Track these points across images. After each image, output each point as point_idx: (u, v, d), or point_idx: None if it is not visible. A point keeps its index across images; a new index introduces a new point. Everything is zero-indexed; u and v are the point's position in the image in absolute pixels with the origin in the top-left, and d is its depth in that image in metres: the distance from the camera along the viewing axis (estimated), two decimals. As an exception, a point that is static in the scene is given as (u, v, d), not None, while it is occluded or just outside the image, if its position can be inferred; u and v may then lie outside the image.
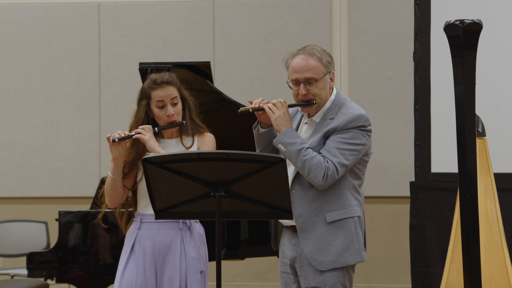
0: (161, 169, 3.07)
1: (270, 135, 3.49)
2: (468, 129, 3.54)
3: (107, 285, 4.96)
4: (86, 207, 5.80)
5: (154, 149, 3.59)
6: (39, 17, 7.35)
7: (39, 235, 6.58)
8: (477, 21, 3.53)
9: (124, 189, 3.70)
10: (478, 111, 3.77)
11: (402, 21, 6.95)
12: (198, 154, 3.08)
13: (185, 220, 3.65)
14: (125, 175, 3.68)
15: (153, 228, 3.67)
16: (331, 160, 3.33)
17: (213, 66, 6.04)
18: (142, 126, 3.65)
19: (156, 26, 7.31)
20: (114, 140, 3.57)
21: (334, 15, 7.17)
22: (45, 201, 7.30)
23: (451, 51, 3.57)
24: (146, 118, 3.70)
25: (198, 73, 4.91)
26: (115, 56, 7.32)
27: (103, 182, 5.49)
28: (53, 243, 5.29)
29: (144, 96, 3.71)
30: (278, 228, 3.61)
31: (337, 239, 3.39)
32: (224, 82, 7.02)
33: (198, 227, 3.75)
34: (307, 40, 3.91)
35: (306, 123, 3.52)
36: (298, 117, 3.57)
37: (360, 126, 3.39)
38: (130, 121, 3.76)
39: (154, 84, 3.68)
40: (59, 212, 5.01)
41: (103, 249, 4.95)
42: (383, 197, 7.04)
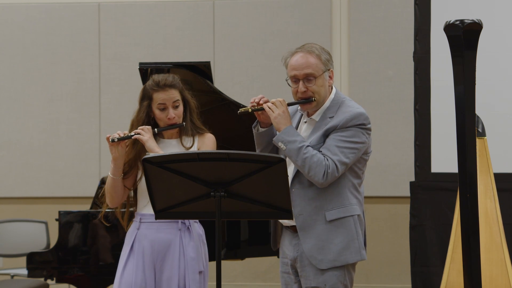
0: (161, 169, 3.07)
1: (269, 134, 3.49)
2: (468, 129, 3.54)
3: (107, 285, 4.96)
4: (86, 207, 5.80)
5: (153, 149, 3.60)
6: (39, 17, 7.35)
7: (39, 235, 6.58)
8: (477, 21, 3.53)
9: (125, 189, 3.71)
10: (478, 111, 3.78)
11: (402, 21, 6.95)
12: (198, 154, 3.08)
13: (184, 220, 3.65)
14: (125, 175, 3.68)
15: (152, 228, 3.67)
16: (331, 158, 3.33)
17: (213, 66, 6.04)
18: (142, 126, 3.66)
19: (156, 26, 7.31)
20: (113, 140, 3.58)
21: (334, 15, 7.17)
22: (45, 201, 7.30)
23: (451, 51, 3.57)
24: (147, 118, 3.72)
25: (198, 73, 4.91)
26: (115, 56, 7.32)
27: (103, 182, 5.50)
28: (53, 243, 5.29)
29: (146, 97, 3.72)
30: (278, 229, 3.61)
31: (337, 237, 3.39)
32: (224, 82, 7.02)
33: (198, 227, 3.75)
34: (307, 40, 3.91)
35: (306, 122, 3.52)
36: (297, 116, 3.57)
37: (360, 124, 3.40)
38: (131, 120, 3.77)
39: (157, 87, 3.68)
40: (59, 212, 5.01)
41: (103, 249, 4.96)
42: (383, 197, 7.04)
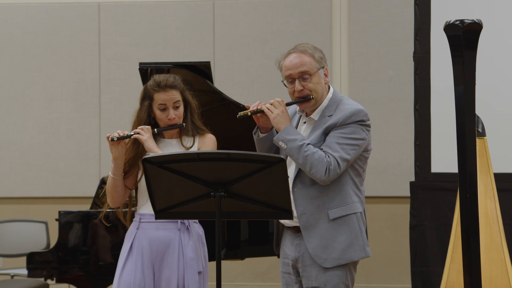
0: (161, 169, 3.07)
1: (270, 139, 3.50)
2: (468, 129, 3.54)
3: (107, 285, 4.96)
4: (86, 207, 5.80)
5: (151, 149, 3.61)
6: (39, 17, 7.35)
7: (39, 235, 6.58)
8: (477, 21, 3.53)
9: (126, 189, 3.71)
10: (478, 111, 3.77)
11: (402, 21, 6.95)
12: (198, 154, 3.08)
13: (184, 220, 3.66)
14: (125, 174, 3.69)
15: (151, 228, 3.68)
16: (332, 155, 3.34)
17: (213, 66, 6.04)
18: (141, 126, 3.67)
19: (156, 26, 7.31)
20: (112, 139, 3.59)
21: (334, 15, 7.17)
22: (45, 201, 7.30)
23: (451, 51, 3.57)
24: (148, 118, 3.73)
25: (198, 73, 4.91)
26: (115, 56, 7.32)
27: (103, 182, 5.50)
28: (53, 243, 5.29)
29: (147, 97, 3.73)
30: (280, 231, 3.61)
31: (341, 235, 3.39)
32: (224, 82, 7.03)
33: (197, 227, 3.75)
34: (307, 40, 3.91)
35: (305, 122, 3.53)
36: (296, 118, 3.57)
37: (359, 121, 3.40)
38: (132, 120, 3.78)
39: (158, 87, 3.69)
40: (59, 212, 5.01)
41: (103, 249, 4.96)
42: (383, 197, 7.04)
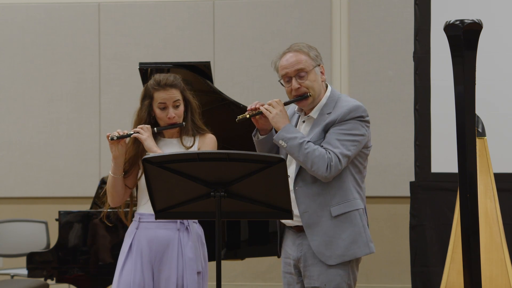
0: (161, 169, 3.07)
1: (270, 140, 3.50)
2: (468, 129, 3.54)
3: (107, 285, 4.96)
4: (86, 207, 5.80)
5: (151, 148, 3.61)
6: (39, 17, 7.35)
7: (39, 235, 6.58)
8: (477, 21, 3.53)
9: (126, 189, 3.72)
10: (478, 111, 3.77)
11: (402, 21, 6.95)
12: (198, 154, 3.08)
13: (183, 220, 3.66)
14: (126, 173, 3.69)
15: (150, 227, 3.68)
16: (333, 151, 3.34)
17: (213, 66, 6.04)
18: (141, 125, 3.68)
19: (156, 26, 7.31)
20: (112, 138, 3.59)
21: (334, 15, 7.17)
22: (45, 201, 7.30)
23: (451, 51, 3.57)
24: (148, 117, 3.73)
25: (198, 73, 4.91)
26: (115, 56, 7.32)
27: (103, 182, 5.50)
28: (53, 243, 5.29)
29: (147, 96, 3.73)
30: (281, 231, 3.60)
31: (344, 232, 3.39)
32: (224, 82, 7.03)
33: (197, 227, 3.75)
34: (307, 40, 3.91)
35: (304, 121, 3.53)
36: (295, 118, 3.58)
37: (358, 117, 3.40)
38: (132, 119, 3.78)
39: (158, 86, 3.70)
40: (59, 212, 5.01)
41: (103, 249, 4.96)
42: (383, 197, 7.04)
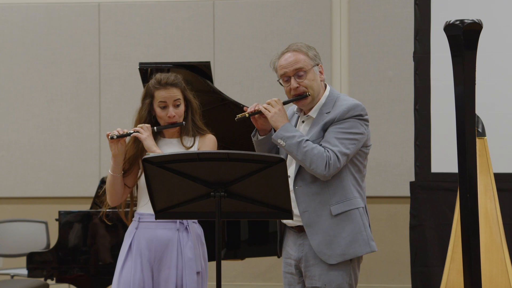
0: (161, 169, 3.07)
1: (269, 141, 3.51)
2: (468, 129, 3.54)
3: (107, 285, 4.96)
4: (86, 207, 5.81)
5: (150, 147, 3.62)
6: (39, 17, 7.35)
7: (39, 235, 6.58)
8: (477, 21, 3.53)
9: (125, 188, 3.72)
10: (478, 111, 3.78)
11: (402, 21, 6.95)
12: (198, 154, 3.08)
13: (182, 220, 3.66)
14: (125, 172, 3.70)
15: (150, 227, 3.68)
16: (331, 149, 3.34)
17: (213, 66, 6.04)
18: (141, 124, 3.68)
19: (156, 26, 7.31)
20: (112, 137, 3.59)
21: (334, 15, 7.17)
22: (45, 201, 7.30)
23: (451, 51, 3.57)
24: (148, 116, 3.74)
25: (198, 73, 4.91)
26: (115, 56, 7.32)
27: (103, 182, 5.50)
28: (53, 243, 5.29)
29: (148, 95, 3.74)
30: (282, 232, 3.60)
31: (344, 231, 3.39)
32: (224, 82, 7.03)
33: (196, 227, 3.75)
34: (307, 40, 3.91)
35: (303, 121, 3.53)
36: (294, 118, 3.58)
37: (357, 115, 3.41)
38: (133, 118, 3.79)
39: (158, 85, 3.71)
40: (59, 212, 5.01)
41: (103, 249, 4.95)
42: (383, 197, 7.04)
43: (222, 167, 3.05)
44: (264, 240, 5.04)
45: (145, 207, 3.67)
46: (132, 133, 3.65)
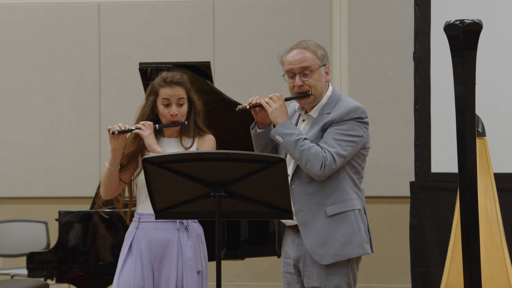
0: (161, 169, 3.07)
1: (267, 135, 3.50)
2: (468, 129, 3.54)
3: (107, 285, 4.96)
4: (86, 207, 5.80)
5: (151, 146, 3.61)
6: (39, 17, 7.35)
7: (39, 235, 6.58)
8: (477, 21, 3.52)
9: (120, 182, 3.72)
10: (478, 111, 3.77)
11: (402, 21, 6.95)
12: (198, 154, 3.08)
13: (182, 220, 3.66)
14: (123, 167, 3.69)
15: (150, 227, 3.68)
16: (328, 150, 3.34)
17: (213, 66, 6.04)
18: (143, 122, 3.67)
19: (156, 26, 7.31)
20: (113, 132, 3.59)
21: (334, 15, 7.17)
22: (45, 201, 7.30)
23: (451, 51, 3.57)
24: (151, 114, 3.74)
25: (198, 73, 4.91)
26: (115, 56, 7.32)
27: (103, 182, 5.49)
28: (53, 243, 5.29)
29: (153, 92, 3.74)
30: (281, 231, 3.61)
31: (339, 232, 3.39)
32: (224, 82, 7.03)
33: (196, 226, 3.75)
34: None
35: (304, 120, 3.53)
36: (295, 117, 3.58)
37: (357, 118, 3.41)
38: (135, 115, 3.78)
39: (164, 82, 3.72)
40: (59, 212, 5.02)
41: (103, 249, 4.95)
42: (383, 197, 7.04)
43: (222, 167, 3.05)
44: (264, 240, 5.04)
45: (145, 207, 3.66)
46: (133, 129, 3.65)
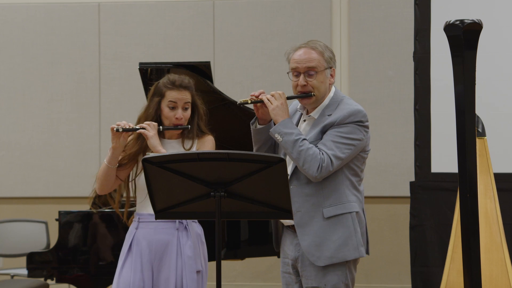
0: (161, 169, 3.07)
1: (267, 131, 3.49)
2: (468, 129, 3.54)
3: (107, 285, 4.96)
4: (86, 207, 5.79)
5: (155, 146, 3.60)
6: (39, 17, 7.35)
7: (39, 235, 6.58)
8: (477, 21, 3.52)
9: (116, 179, 3.71)
10: (478, 111, 3.77)
11: (402, 21, 6.95)
12: (198, 154, 3.08)
13: (182, 220, 3.66)
14: (121, 166, 3.69)
15: (150, 227, 3.68)
16: (326, 153, 3.34)
17: (213, 66, 6.04)
18: (148, 122, 3.66)
19: (156, 26, 7.31)
20: (117, 130, 3.58)
21: (334, 15, 7.17)
22: (45, 201, 7.30)
23: (451, 51, 3.57)
24: (155, 115, 3.73)
25: (198, 73, 4.91)
26: (115, 56, 7.32)
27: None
28: (53, 243, 5.29)
29: (158, 93, 3.73)
30: (279, 229, 3.61)
31: (335, 234, 3.39)
32: (224, 82, 7.02)
33: (196, 226, 3.75)
34: (307, 40, 3.91)
35: (305, 120, 3.53)
36: (296, 116, 3.57)
37: (357, 121, 3.40)
38: (138, 114, 3.77)
39: (172, 85, 3.70)
40: (59, 212, 5.02)
41: (103, 249, 4.96)
42: (383, 197, 7.04)
43: (222, 167, 3.05)
44: (264, 240, 5.03)
45: (145, 207, 3.66)
46: (138, 129, 3.64)
